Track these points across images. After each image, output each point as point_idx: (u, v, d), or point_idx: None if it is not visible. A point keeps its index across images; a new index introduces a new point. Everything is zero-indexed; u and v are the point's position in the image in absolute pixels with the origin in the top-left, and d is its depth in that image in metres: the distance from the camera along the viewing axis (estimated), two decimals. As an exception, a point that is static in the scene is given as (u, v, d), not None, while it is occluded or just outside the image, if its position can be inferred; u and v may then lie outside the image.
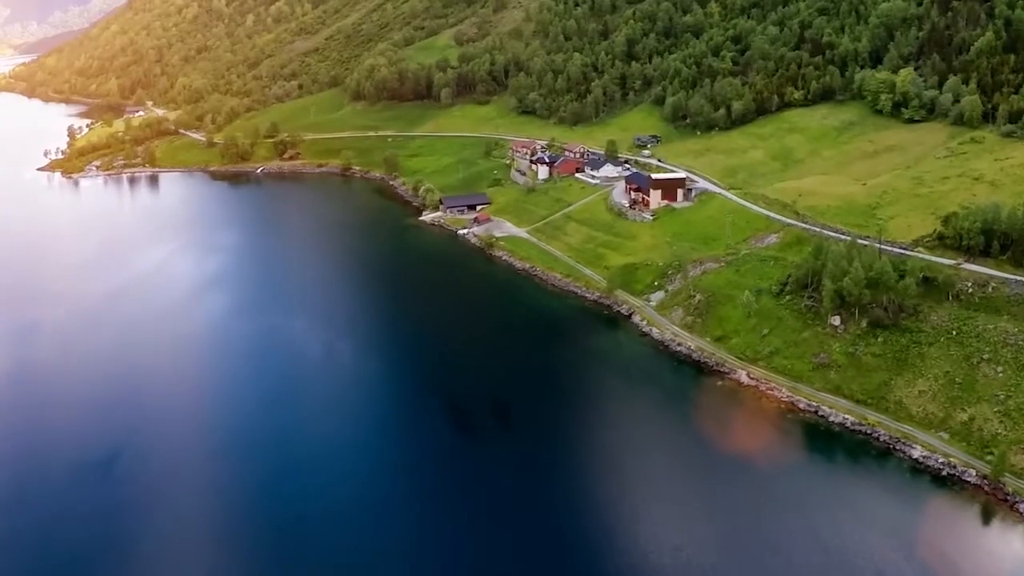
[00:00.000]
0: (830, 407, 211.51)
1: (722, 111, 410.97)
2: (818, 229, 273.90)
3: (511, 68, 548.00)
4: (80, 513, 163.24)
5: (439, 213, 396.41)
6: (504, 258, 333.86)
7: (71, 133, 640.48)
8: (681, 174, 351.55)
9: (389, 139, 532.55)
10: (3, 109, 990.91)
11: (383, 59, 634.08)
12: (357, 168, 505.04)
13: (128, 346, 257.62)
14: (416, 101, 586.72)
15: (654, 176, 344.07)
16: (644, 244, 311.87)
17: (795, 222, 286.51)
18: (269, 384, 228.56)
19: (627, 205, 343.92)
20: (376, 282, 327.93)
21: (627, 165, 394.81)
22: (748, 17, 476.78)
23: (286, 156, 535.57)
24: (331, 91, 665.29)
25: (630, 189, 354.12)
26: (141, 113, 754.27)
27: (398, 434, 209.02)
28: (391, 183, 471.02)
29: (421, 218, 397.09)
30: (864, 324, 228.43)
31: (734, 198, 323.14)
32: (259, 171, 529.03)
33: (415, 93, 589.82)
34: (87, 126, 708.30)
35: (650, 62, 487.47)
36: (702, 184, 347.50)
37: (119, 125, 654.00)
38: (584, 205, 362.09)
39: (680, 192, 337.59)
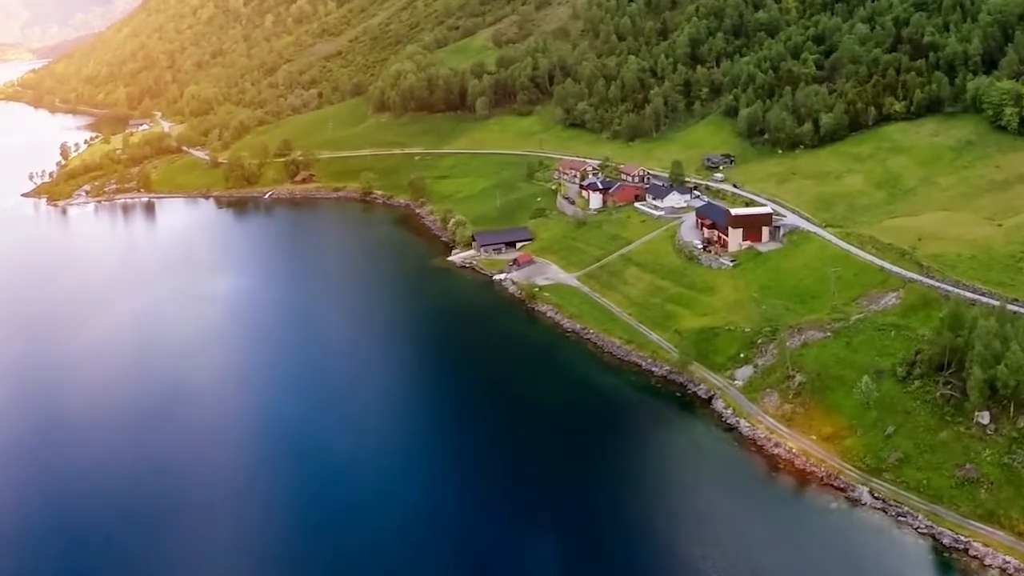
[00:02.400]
0: (984, 544, 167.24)
1: (808, 125, 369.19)
2: (950, 288, 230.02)
3: (556, 73, 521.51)
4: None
5: (471, 252, 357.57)
6: (549, 314, 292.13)
7: (64, 151, 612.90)
8: (766, 208, 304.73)
9: (416, 157, 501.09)
10: (4, 121, 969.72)
11: (411, 64, 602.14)
12: (379, 193, 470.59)
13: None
14: (448, 112, 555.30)
15: (733, 211, 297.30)
16: (724, 300, 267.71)
17: (918, 277, 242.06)
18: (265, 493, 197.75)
19: (700, 246, 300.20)
20: (387, 348, 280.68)
21: (696, 192, 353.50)
22: (832, 13, 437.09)
23: (298, 178, 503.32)
24: (353, 101, 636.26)
25: (703, 225, 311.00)
26: (145, 126, 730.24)
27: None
28: (417, 211, 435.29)
29: (450, 258, 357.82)
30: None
31: (834, 239, 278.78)
32: (267, 196, 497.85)
33: (446, 103, 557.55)
34: (85, 142, 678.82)
35: (718, 66, 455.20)
36: (791, 219, 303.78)
37: (117, 142, 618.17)
38: (646, 244, 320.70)
39: (766, 230, 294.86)
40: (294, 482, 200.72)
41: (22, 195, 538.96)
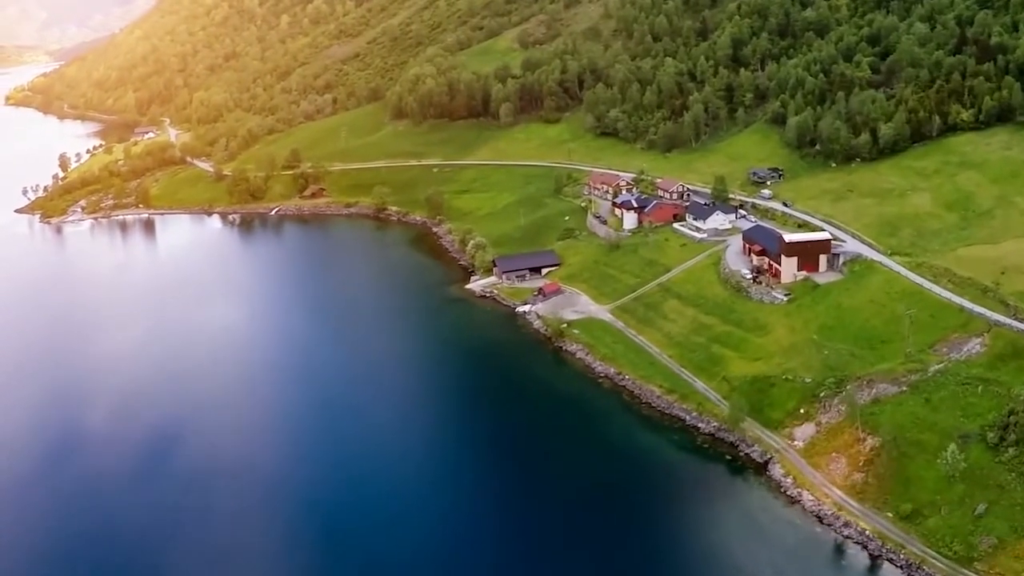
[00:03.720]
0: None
1: (865, 136, 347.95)
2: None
3: (587, 77, 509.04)
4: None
5: (492, 279, 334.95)
6: (578, 355, 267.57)
7: (63, 163, 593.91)
8: (823, 232, 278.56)
9: (435, 169, 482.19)
10: (10, 129, 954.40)
11: (430, 67, 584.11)
12: (393, 209, 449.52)
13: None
14: (469, 120, 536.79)
15: (787, 236, 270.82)
16: (779, 342, 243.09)
17: (1006, 319, 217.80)
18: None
19: (748, 276, 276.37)
20: (392, 398, 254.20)
21: (742, 212, 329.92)
22: (887, 11, 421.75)
23: (307, 193, 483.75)
24: (369, 107, 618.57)
25: (751, 251, 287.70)
26: (151, 135, 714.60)
27: None
28: (434, 230, 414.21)
29: (469, 286, 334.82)
30: None
31: (903, 271, 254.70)
32: (273, 213, 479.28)
33: (468, 109, 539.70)
34: (87, 152, 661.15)
35: (762, 69, 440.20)
36: (851, 245, 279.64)
37: (119, 152, 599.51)
38: (687, 272, 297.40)
39: (823, 259, 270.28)
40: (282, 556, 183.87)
41: (15, 211, 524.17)
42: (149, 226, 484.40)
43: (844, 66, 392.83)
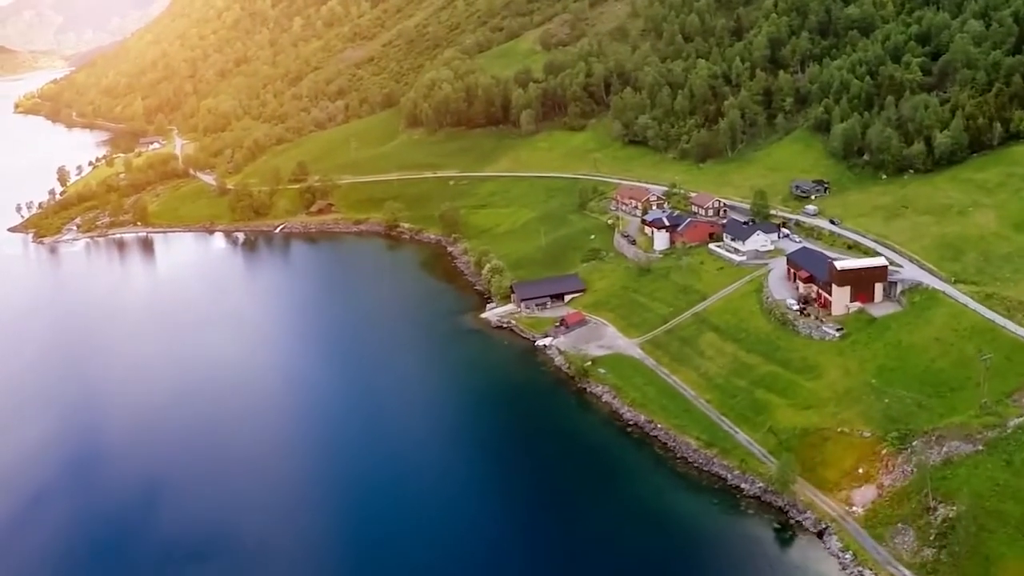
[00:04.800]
0: None
1: (918, 145, 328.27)
2: None
3: (613, 81, 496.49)
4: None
5: (509, 307, 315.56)
6: (604, 398, 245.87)
7: (61, 176, 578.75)
8: (879, 258, 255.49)
9: (451, 182, 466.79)
10: (15, 138, 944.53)
11: (447, 71, 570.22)
12: (406, 226, 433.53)
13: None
14: (488, 127, 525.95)
15: (838, 263, 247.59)
16: (831, 386, 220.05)
17: None
18: None
19: (795, 307, 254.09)
20: (392, 448, 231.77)
21: (785, 231, 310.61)
22: (937, 7, 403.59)
23: (314, 209, 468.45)
24: (383, 114, 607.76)
25: (797, 277, 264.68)
26: (156, 145, 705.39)
27: None
28: (449, 249, 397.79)
29: (484, 315, 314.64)
30: None
31: (970, 303, 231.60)
32: (278, 230, 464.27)
33: (487, 117, 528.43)
34: (90, 163, 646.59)
35: (803, 71, 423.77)
36: (909, 271, 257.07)
37: (120, 164, 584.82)
38: (725, 300, 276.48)
39: (879, 288, 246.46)
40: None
41: (9, 230, 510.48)
42: (147, 245, 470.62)
43: (892, 67, 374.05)
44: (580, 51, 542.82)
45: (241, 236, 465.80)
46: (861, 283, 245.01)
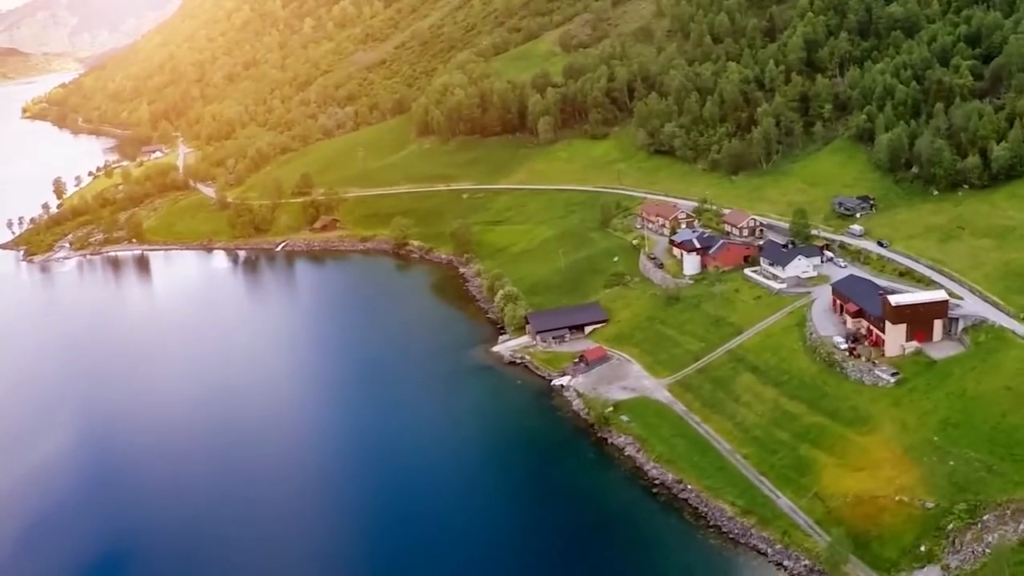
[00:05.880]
0: None
1: (973, 158, 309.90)
2: None
3: (638, 86, 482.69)
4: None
5: (524, 339, 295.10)
6: (627, 451, 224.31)
7: (58, 188, 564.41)
8: (939, 292, 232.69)
9: (464, 195, 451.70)
10: (20, 146, 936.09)
11: (460, 75, 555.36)
12: (415, 244, 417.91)
13: None
14: (504, 136, 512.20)
15: (893, 298, 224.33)
16: (887, 443, 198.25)
17: None
18: None
19: (842, 345, 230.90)
20: (382, 511, 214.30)
21: (829, 254, 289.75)
22: (988, 6, 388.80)
23: (318, 225, 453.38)
24: (393, 121, 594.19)
25: (844, 310, 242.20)
26: (158, 154, 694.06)
27: None
28: (461, 271, 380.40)
29: (497, 348, 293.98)
30: None
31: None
32: (279, 248, 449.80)
33: (503, 124, 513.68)
34: (89, 174, 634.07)
35: (842, 75, 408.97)
36: (971, 304, 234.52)
37: (118, 176, 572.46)
38: (764, 335, 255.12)
39: (938, 324, 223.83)
40: None
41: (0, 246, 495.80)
42: (141, 264, 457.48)
43: (940, 71, 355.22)
44: (602, 53, 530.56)
45: (241, 254, 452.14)
46: (919, 320, 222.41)
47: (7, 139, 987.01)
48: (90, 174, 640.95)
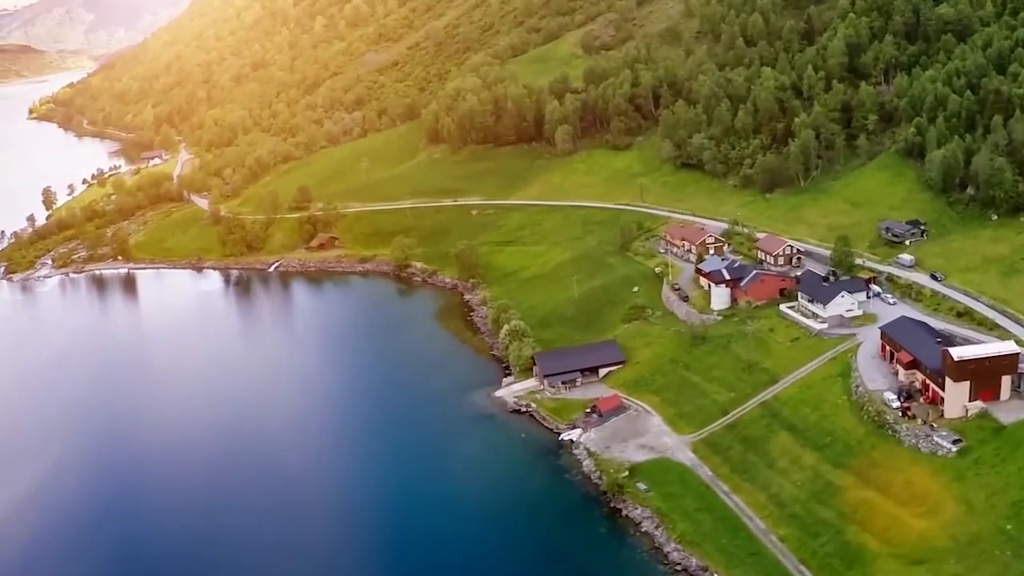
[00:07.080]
0: None
1: None
2: None
3: (664, 92, 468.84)
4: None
5: (531, 383, 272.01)
6: (644, 527, 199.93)
7: (47, 199, 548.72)
8: (1005, 342, 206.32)
9: (474, 212, 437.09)
10: (21, 149, 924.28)
11: (474, 80, 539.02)
12: (418, 266, 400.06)
13: None
14: (519, 145, 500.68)
15: (955, 352, 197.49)
16: (951, 530, 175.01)
17: None
18: None
19: (894, 402, 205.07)
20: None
21: (876, 289, 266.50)
22: None
23: (315, 244, 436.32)
24: (403, 128, 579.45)
25: (896, 359, 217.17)
26: (158, 160, 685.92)
27: None
28: (467, 297, 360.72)
29: (500, 393, 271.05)
30: None
31: None
32: (272, 268, 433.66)
33: (517, 133, 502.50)
34: (84, 182, 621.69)
35: (887, 83, 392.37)
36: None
37: (110, 185, 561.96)
38: (802, 385, 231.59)
39: (1007, 381, 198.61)
40: None
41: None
42: (126, 284, 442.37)
43: (998, 80, 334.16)
44: (625, 56, 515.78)
45: (233, 274, 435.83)
46: (984, 376, 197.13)
47: (8, 142, 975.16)
48: (84, 182, 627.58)
